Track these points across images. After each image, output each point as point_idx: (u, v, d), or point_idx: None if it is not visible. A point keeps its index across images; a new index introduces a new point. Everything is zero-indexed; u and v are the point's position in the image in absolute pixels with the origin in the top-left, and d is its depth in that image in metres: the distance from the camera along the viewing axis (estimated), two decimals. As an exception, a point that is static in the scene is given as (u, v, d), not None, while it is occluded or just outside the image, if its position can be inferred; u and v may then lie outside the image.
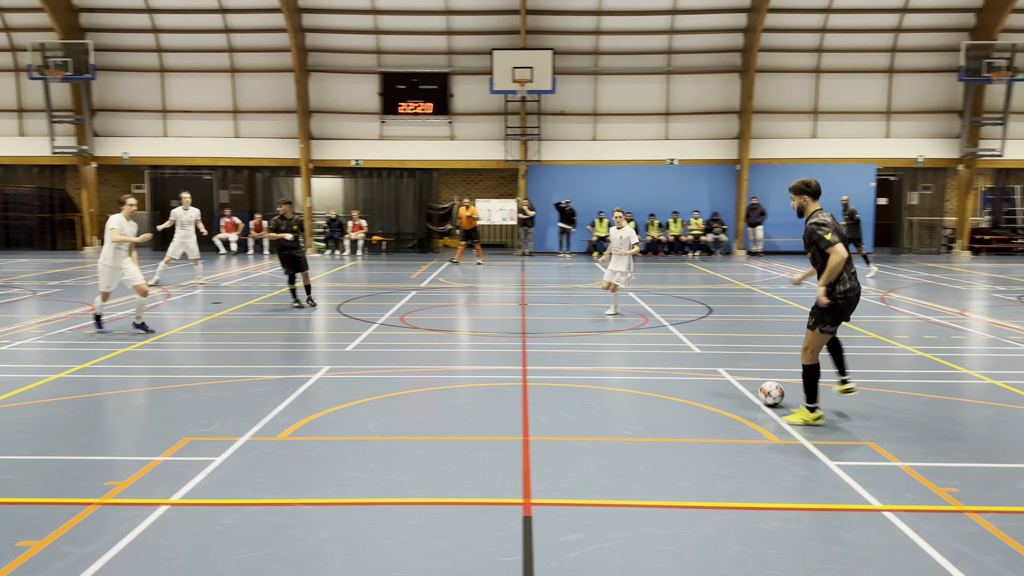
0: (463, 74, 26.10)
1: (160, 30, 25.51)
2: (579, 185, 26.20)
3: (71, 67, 23.95)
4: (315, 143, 26.22)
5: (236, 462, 5.66)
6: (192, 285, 16.33)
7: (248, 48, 25.90)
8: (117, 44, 25.71)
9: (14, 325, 11.51)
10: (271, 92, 26.24)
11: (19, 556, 4.16)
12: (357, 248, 25.54)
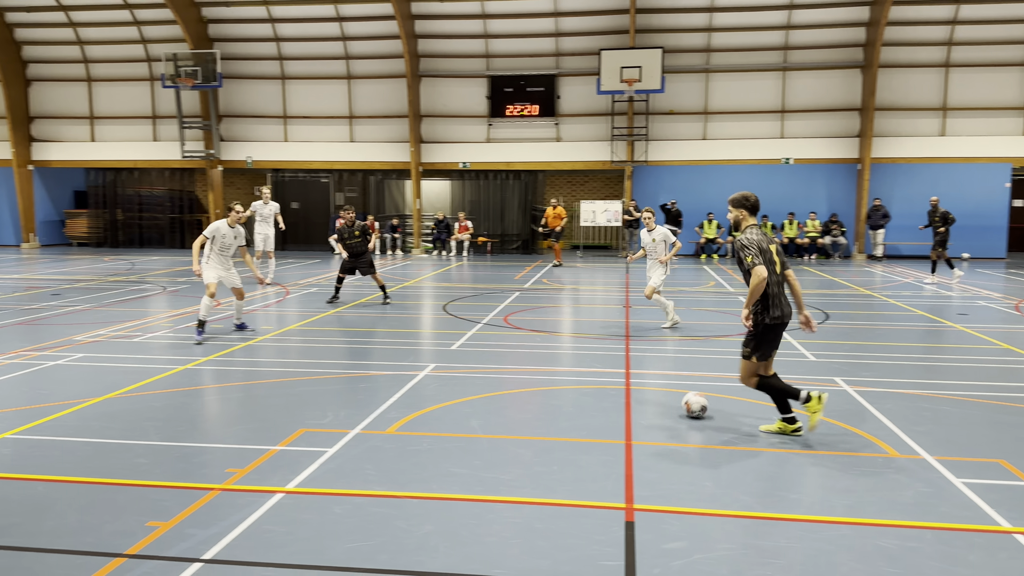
0: (570, 75, 26.10)
1: (282, 39, 26.75)
2: (687, 186, 25.71)
3: (200, 76, 25.45)
4: (425, 146, 26.83)
5: (347, 454, 5.86)
6: (272, 281, 16.80)
7: (363, 55, 26.79)
8: (242, 53, 27.14)
9: (146, 318, 12.33)
10: (384, 98, 27.04)
11: (148, 535, 4.44)
12: (463, 249, 25.97)
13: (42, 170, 28.48)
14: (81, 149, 28.24)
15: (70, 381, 8.21)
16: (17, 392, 7.68)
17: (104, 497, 5.02)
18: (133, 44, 27.37)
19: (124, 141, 28.20)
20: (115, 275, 18.70)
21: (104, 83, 28.09)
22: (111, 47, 27.56)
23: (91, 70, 27.97)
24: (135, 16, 26.47)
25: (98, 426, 6.54)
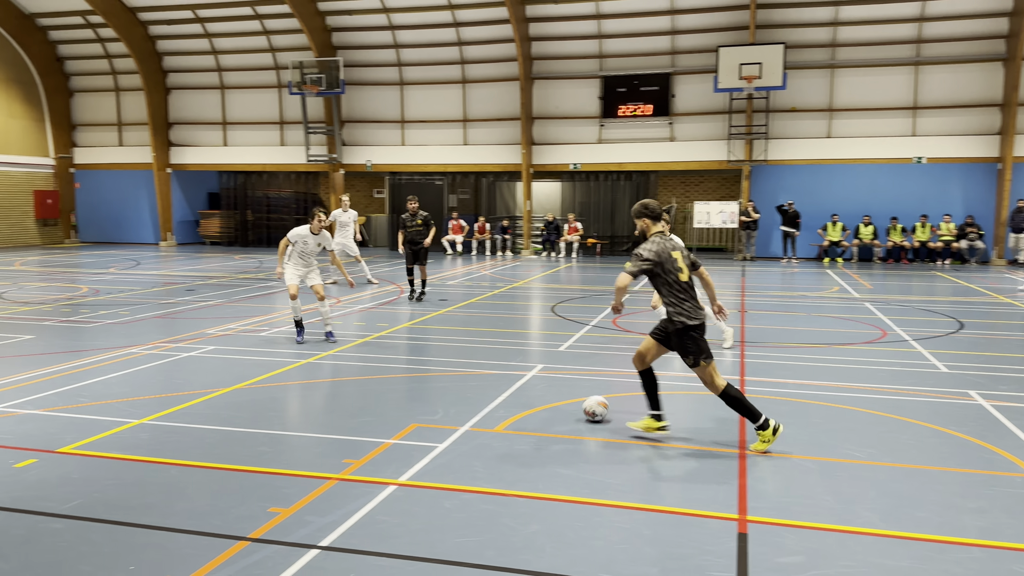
0: (685, 73, 25.59)
1: (401, 45, 27.54)
2: (809, 186, 24.71)
3: (324, 83, 26.55)
4: (536, 148, 26.97)
5: (457, 450, 5.96)
6: (365, 279, 17.25)
7: (478, 59, 27.21)
8: (363, 60, 28.13)
9: (272, 314, 12.96)
10: (497, 101, 27.37)
11: (270, 520, 4.67)
12: (572, 250, 25.93)
13: (179, 173, 30.46)
14: (214, 153, 30.01)
15: (201, 372, 8.74)
16: (154, 381, 8.24)
17: (230, 482, 5.31)
18: (262, 53, 28.86)
19: (254, 145, 29.77)
20: (244, 273, 19.76)
21: (236, 90, 29.76)
22: (242, 56, 29.16)
23: (224, 78, 29.69)
24: (264, 26, 27.90)
25: (226, 415, 6.93)
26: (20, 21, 28.54)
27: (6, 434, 6.26)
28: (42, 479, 5.31)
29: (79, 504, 4.88)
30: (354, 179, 31.20)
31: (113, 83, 30.53)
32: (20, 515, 4.71)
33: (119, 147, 30.82)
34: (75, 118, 31.13)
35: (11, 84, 28.79)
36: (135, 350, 9.66)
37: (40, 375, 8.32)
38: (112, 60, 29.98)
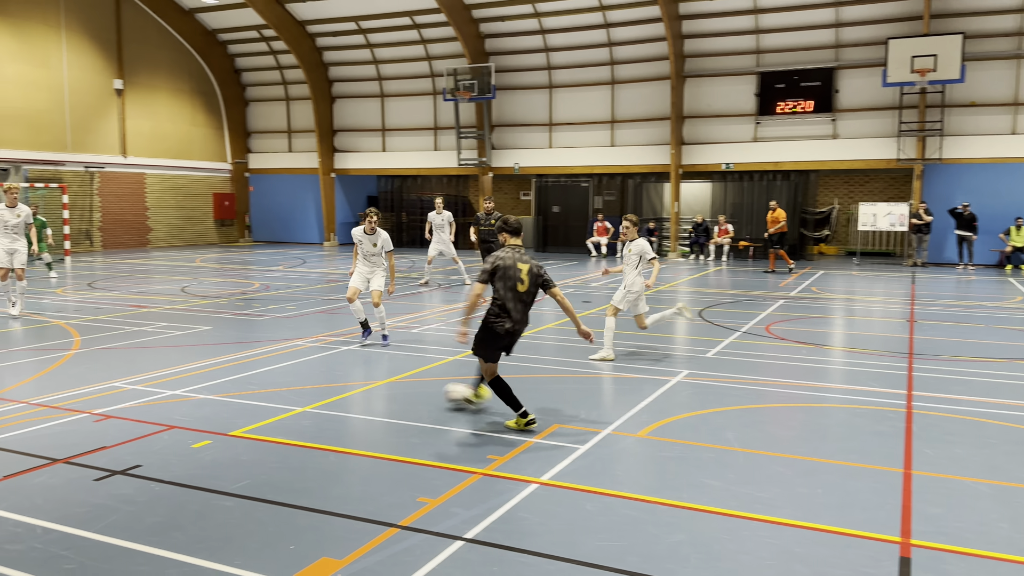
0: (850, 68, 24.19)
1: (551, 49, 27.78)
2: (990, 186, 22.66)
3: (476, 88, 27.23)
4: (686, 148, 26.38)
5: (598, 453, 5.93)
6: (461, 282, 17.53)
7: (627, 60, 26.98)
8: (514, 65, 28.60)
9: (422, 312, 13.44)
10: (646, 101, 27.02)
11: (419, 509, 4.84)
12: (722, 253, 25.14)
13: (342, 177, 32.22)
14: (374, 158, 31.51)
15: (358, 365, 9.20)
16: (316, 372, 8.75)
17: (382, 471, 5.55)
18: (419, 61, 30.00)
19: (409, 151, 31.01)
20: (398, 272, 20.61)
21: (394, 98, 31.11)
22: (401, 65, 30.44)
23: (384, 87, 31.11)
24: (422, 35, 28.99)
25: (380, 406, 7.25)
26: (204, 37, 31.21)
27: (186, 417, 6.86)
28: (216, 459, 5.78)
29: (247, 484, 5.27)
30: (502, 182, 31.79)
31: (284, 93, 32.75)
32: (196, 491, 5.14)
33: (288, 153, 33.02)
34: (250, 126, 33.66)
35: (195, 95, 31.54)
36: (300, 342, 10.31)
37: (216, 363, 9.06)
38: (283, 71, 32.17)
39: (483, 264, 6.60)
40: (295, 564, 4.12)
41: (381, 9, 28.01)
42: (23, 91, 25.11)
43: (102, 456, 5.78)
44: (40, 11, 25.51)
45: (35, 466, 5.55)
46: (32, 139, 25.46)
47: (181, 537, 4.45)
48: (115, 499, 4.98)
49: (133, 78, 28.78)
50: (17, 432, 6.35)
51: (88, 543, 4.35)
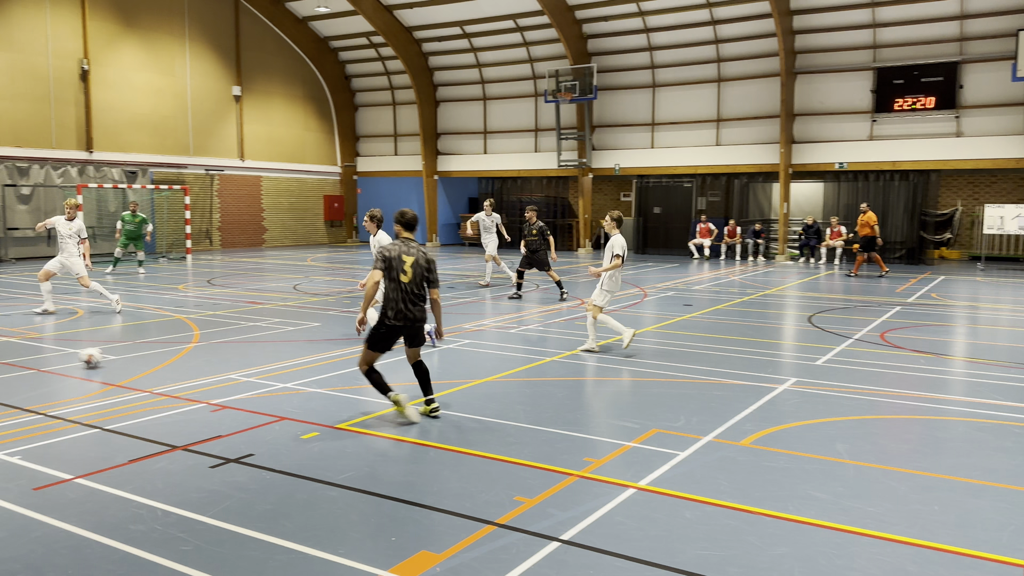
0: (976, 62, 22.77)
1: (655, 47, 27.41)
2: None
3: (578, 89, 27.18)
4: (796, 147, 25.49)
5: (699, 460, 5.80)
6: (511, 283, 17.27)
7: (735, 57, 26.32)
8: (616, 65, 28.38)
9: (521, 313, 13.51)
10: (754, 98, 26.27)
11: (515, 508, 4.86)
12: (835, 257, 24.13)
13: (444, 179, 32.81)
14: (475, 160, 31.95)
15: (458, 363, 9.34)
16: (417, 369, 8.93)
17: (480, 468, 5.62)
18: (521, 64, 30.20)
19: (510, 153, 31.26)
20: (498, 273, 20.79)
21: (496, 101, 31.44)
22: (503, 68, 30.75)
23: (486, 90, 31.49)
24: (524, 38, 29.18)
25: (478, 404, 7.34)
26: (316, 44, 32.44)
27: (295, 409, 7.15)
28: (322, 451, 5.99)
29: (351, 476, 5.43)
30: (601, 183, 31.60)
31: (391, 98, 33.65)
32: (303, 481, 5.35)
33: (394, 156, 33.90)
34: (358, 130, 34.76)
35: (308, 101, 32.82)
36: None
37: (324, 358, 9.39)
38: (390, 76, 33.06)
39: (375, 256, 6.88)
40: (396, 556, 4.22)
41: (485, 13, 28.37)
42: (150, 98, 26.81)
43: (218, 444, 6.10)
44: (167, 23, 27.16)
45: (156, 452, 5.90)
46: (158, 143, 27.14)
47: (289, 525, 4.63)
48: (229, 486, 5.24)
49: (250, 85, 30.23)
50: (141, 420, 6.77)
51: (203, 527, 4.59)
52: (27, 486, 5.16)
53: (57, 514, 4.72)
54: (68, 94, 24.49)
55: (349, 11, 29.42)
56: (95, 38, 25.00)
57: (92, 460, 5.71)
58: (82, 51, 24.67)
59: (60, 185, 24.11)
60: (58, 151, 24.32)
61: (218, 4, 28.92)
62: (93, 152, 25.15)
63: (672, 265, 23.51)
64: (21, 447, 5.96)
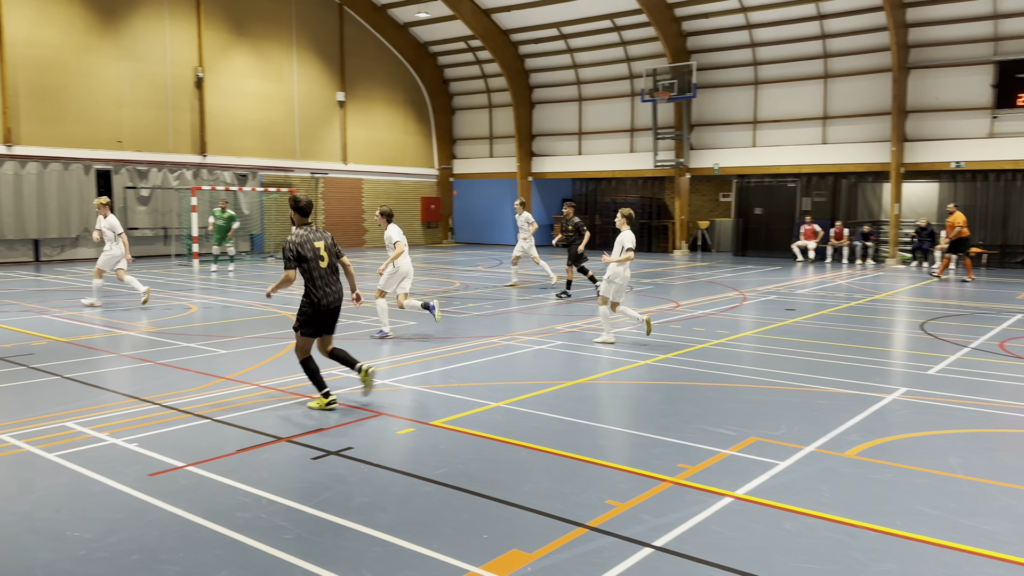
0: (1113, 51, 21.10)
1: (757, 44, 26.68)
2: None
3: (676, 88, 26.75)
4: (908, 145, 24.27)
5: (800, 470, 5.60)
6: (549, 282, 17.21)
7: (843, 52, 25.32)
8: (716, 62, 27.77)
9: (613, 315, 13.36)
10: (863, 95, 25.19)
11: (607, 512, 4.82)
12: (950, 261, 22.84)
13: (538, 181, 32.91)
14: (570, 162, 31.90)
15: (550, 364, 9.34)
16: (510, 369, 9.00)
17: (571, 470, 5.60)
18: (618, 64, 29.97)
19: (605, 153, 31.06)
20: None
21: (591, 101, 31.30)
22: (599, 68, 30.59)
23: (582, 90, 31.40)
24: (622, 37, 28.95)
25: (570, 406, 7.32)
26: (416, 50, 33.15)
27: (393, 405, 7.32)
28: (417, 446, 6.11)
29: (445, 472, 5.52)
30: (699, 183, 30.98)
31: (487, 101, 34.03)
32: (399, 475, 5.47)
33: (489, 158, 34.26)
34: (455, 133, 35.30)
35: (408, 105, 33.58)
36: (495, 340, 10.66)
37: (420, 357, 9.58)
38: (487, 79, 33.42)
39: (284, 254, 7.06)
40: (487, 553, 4.26)
41: (582, 14, 28.30)
42: (260, 104, 28.03)
43: (319, 437, 6.31)
44: (276, 31, 28.34)
45: (262, 443, 6.16)
46: (266, 148, 28.34)
47: (385, 517, 4.74)
48: (329, 477, 5.42)
49: (353, 90, 31.18)
50: (248, 411, 7.08)
51: (304, 516, 4.76)
52: (143, 472, 5.48)
53: (170, 499, 5.00)
54: (184, 101, 25.90)
55: (448, 16, 29.93)
56: (209, 47, 26.35)
57: (203, 449, 6.01)
58: (197, 60, 26.04)
59: (176, 187, 25.53)
60: (174, 155, 25.75)
61: (324, 12, 29.96)
62: (206, 156, 26.51)
63: (773, 268, 22.79)
64: (138, 435, 6.34)
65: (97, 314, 12.86)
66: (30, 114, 22.53)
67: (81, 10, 23.35)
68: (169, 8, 25.31)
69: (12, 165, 22.18)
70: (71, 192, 23.31)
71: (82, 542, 4.38)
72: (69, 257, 23.62)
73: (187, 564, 4.13)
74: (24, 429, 6.45)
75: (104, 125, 24.05)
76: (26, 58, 22.31)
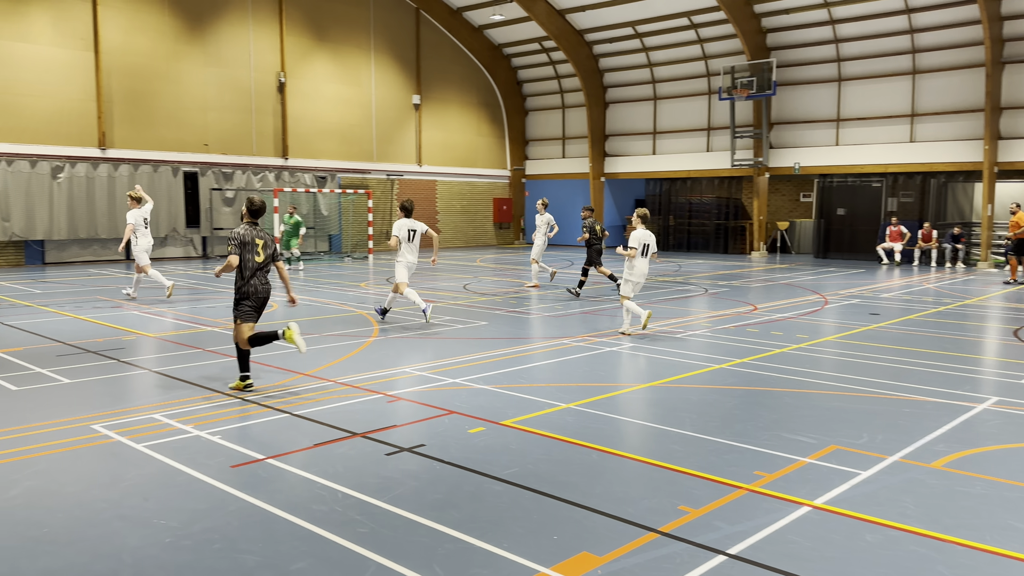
0: None
1: (841, 39, 25.86)
2: None
3: (755, 85, 26.15)
4: (1003, 143, 23.11)
5: (883, 481, 5.39)
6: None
7: (932, 47, 24.31)
8: (797, 59, 27.04)
9: (687, 317, 13.18)
10: (954, 91, 24.13)
11: (679, 518, 4.75)
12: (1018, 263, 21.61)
13: (611, 181, 32.68)
14: (644, 162, 31.57)
15: (621, 366, 9.26)
16: (580, 370, 8.96)
17: (643, 474, 5.53)
18: (694, 62, 29.50)
19: (680, 153, 30.60)
20: (663, 276, 20.45)
21: (667, 100, 30.90)
22: (675, 67, 30.17)
23: (657, 89, 31.03)
24: (699, 35, 28.49)
25: (642, 409, 7.24)
26: (491, 52, 33.37)
27: (464, 404, 7.38)
28: (488, 445, 6.14)
29: (515, 472, 5.53)
30: (778, 183, 30.21)
31: (560, 101, 33.99)
32: (470, 474, 5.51)
33: (561, 159, 34.21)
34: (528, 134, 35.38)
35: (481, 107, 33.83)
36: (565, 341, 10.63)
37: (490, 356, 9.64)
38: (560, 80, 33.39)
39: (229, 241, 7.76)
40: (557, 554, 4.25)
41: (658, 12, 27.98)
42: (339, 108, 28.70)
43: (392, 433, 6.41)
44: (355, 36, 28.97)
45: (338, 437, 6.30)
46: (345, 151, 29.00)
47: (456, 515, 4.79)
48: (402, 473, 5.50)
49: (429, 93, 31.61)
50: (325, 407, 7.26)
51: (378, 511, 4.85)
52: (225, 463, 5.68)
53: (250, 491, 5.16)
54: (267, 105, 26.74)
55: (523, 18, 30.02)
56: (291, 52, 27.13)
57: (281, 442, 6.19)
58: (279, 65, 26.85)
59: (259, 189, 26.38)
60: (257, 158, 26.62)
61: (401, 17, 30.47)
62: (288, 159, 27.30)
63: (857, 271, 22.03)
64: (221, 427, 6.57)
65: (183, 311, 13.40)
66: (123, 119, 23.64)
67: (171, 18, 24.38)
68: (253, 15, 26.17)
69: (106, 167, 23.33)
70: (160, 193, 24.35)
71: (167, 530, 4.57)
72: (158, 256, 24.68)
73: (265, 554, 4.26)
74: (115, 420, 6.77)
75: (191, 129, 25.04)
76: (120, 65, 23.42)
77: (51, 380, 8.25)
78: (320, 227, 28.01)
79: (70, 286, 17.10)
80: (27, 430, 6.46)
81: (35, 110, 22.02)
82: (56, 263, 22.64)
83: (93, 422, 6.68)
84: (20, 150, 21.81)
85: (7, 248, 22.05)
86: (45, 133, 22.22)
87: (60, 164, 22.48)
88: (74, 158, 22.73)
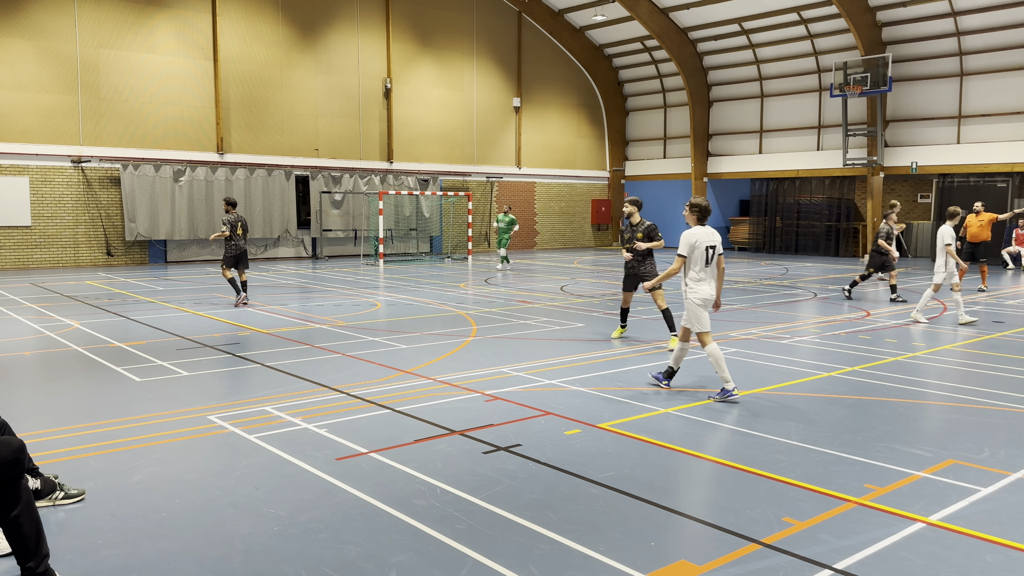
0: None
1: (963, 32, 24.42)
2: None
3: (869, 82, 25.01)
4: None
5: (1005, 498, 5.06)
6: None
7: (1067, 35, 22.63)
8: (914, 54, 25.71)
9: (795, 322, 12.73)
10: (1093, 82, 22.36)
11: (784, 529, 4.59)
12: None
13: (714, 181, 31.94)
14: (749, 161, 30.71)
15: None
16: (681, 374, 8.77)
17: (745, 483, 5.38)
18: (804, 58, 28.48)
19: (788, 152, 29.61)
20: (770, 279, 19.83)
21: (774, 98, 29.96)
22: (783, 63, 29.22)
23: (764, 87, 30.13)
24: (809, 30, 27.49)
25: (745, 417, 7.04)
26: (591, 53, 33.24)
27: (561, 406, 7.38)
28: (584, 448, 6.12)
29: (612, 475, 5.49)
30: (894, 182, 28.77)
31: (662, 101, 33.50)
32: (566, 475, 5.50)
33: (662, 159, 33.71)
34: (628, 135, 35.04)
35: (581, 108, 33.75)
36: (665, 344, 10.45)
37: (587, 358, 9.60)
38: (662, 79, 32.91)
39: (231, 222, 9.19)
40: (654, 561, 4.19)
41: (766, 8, 27.19)
42: (441, 112, 29.25)
43: (490, 432, 6.48)
44: (457, 41, 29.46)
45: (437, 434, 6.42)
46: (447, 153, 29.53)
47: (552, 516, 4.79)
48: (499, 472, 5.55)
49: (529, 95, 31.79)
50: (425, 404, 7.41)
51: (475, 508, 4.91)
52: (331, 456, 5.89)
53: (354, 483, 5.33)
54: (373, 110, 27.55)
55: (625, 17, 29.77)
56: (397, 59, 27.86)
57: (384, 437, 6.36)
58: (386, 71, 27.61)
59: (365, 192, 27.21)
60: (364, 161, 27.46)
61: (503, 21, 30.78)
62: (392, 162, 28.03)
63: (979, 276, 20.71)
64: (327, 421, 6.81)
65: (294, 308, 13.97)
66: (239, 124, 24.86)
67: (285, 27, 25.48)
68: (361, 23, 27.02)
69: (223, 171, 24.59)
70: (274, 196, 25.48)
71: (276, 519, 4.77)
72: (272, 256, 25.82)
73: (367, 546, 4.39)
74: (229, 412, 7.13)
75: (303, 134, 26.09)
76: (237, 73, 24.65)
77: (171, 372, 8.76)
78: (422, 229, 28.63)
79: (190, 284, 18.12)
80: (149, 419, 6.89)
81: (159, 117, 23.46)
82: (177, 262, 24.04)
83: (209, 413, 7.05)
84: (145, 155, 23.29)
85: (133, 248, 23.56)
86: (168, 139, 23.64)
87: (181, 168, 23.86)
88: (194, 162, 24.08)
